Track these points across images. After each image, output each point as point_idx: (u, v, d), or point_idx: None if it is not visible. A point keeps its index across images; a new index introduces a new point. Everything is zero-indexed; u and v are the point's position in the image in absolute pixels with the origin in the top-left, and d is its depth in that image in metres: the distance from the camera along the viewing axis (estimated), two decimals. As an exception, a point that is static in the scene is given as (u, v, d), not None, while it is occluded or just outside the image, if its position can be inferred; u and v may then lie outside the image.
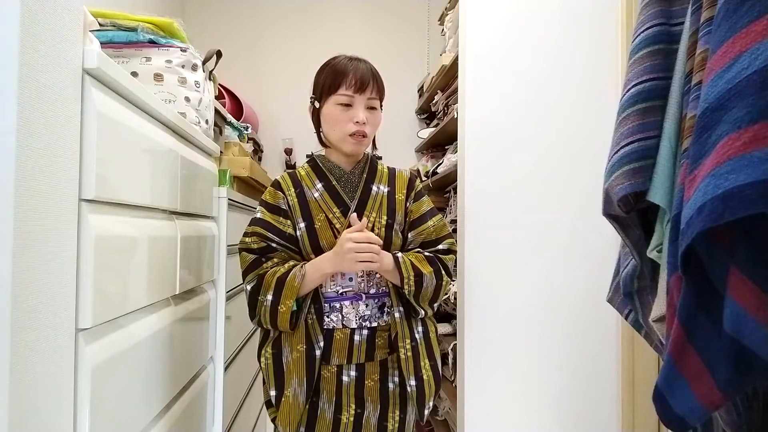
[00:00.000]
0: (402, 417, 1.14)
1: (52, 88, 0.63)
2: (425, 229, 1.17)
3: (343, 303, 1.12)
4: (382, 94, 1.17)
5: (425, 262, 1.12)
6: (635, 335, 1.47)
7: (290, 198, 1.15)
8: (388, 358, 1.15)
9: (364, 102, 1.12)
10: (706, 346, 0.60)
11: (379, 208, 1.15)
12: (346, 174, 1.17)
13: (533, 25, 1.59)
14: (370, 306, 1.13)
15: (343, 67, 1.12)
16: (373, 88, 1.13)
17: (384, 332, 1.14)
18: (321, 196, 1.14)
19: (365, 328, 1.12)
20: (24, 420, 0.59)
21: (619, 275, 0.94)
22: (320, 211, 1.13)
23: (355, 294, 1.13)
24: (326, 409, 1.11)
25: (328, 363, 1.11)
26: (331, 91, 1.12)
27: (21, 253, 0.57)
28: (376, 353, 1.13)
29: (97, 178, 0.73)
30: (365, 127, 1.12)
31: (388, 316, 1.14)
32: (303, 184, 1.16)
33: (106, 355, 0.77)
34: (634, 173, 0.74)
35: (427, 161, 2.42)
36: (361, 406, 1.11)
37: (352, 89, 1.11)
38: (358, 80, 1.10)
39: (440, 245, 1.16)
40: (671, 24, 0.78)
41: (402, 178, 1.21)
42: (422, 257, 1.13)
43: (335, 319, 1.12)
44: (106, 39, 1.10)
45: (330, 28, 2.80)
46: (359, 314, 1.12)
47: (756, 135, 0.49)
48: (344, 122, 1.11)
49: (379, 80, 1.15)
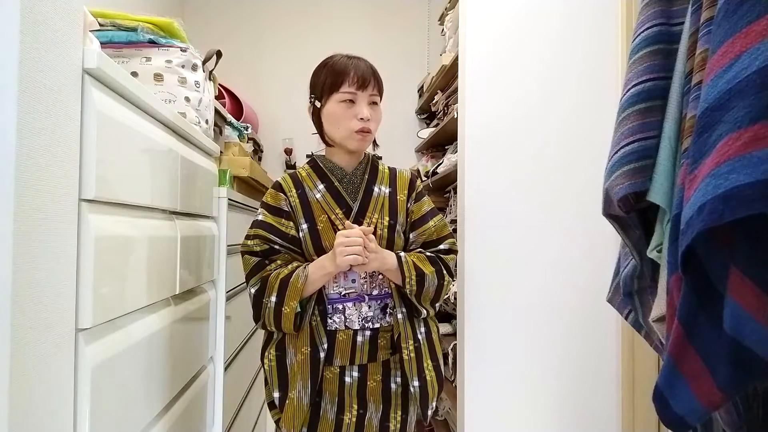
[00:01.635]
0: (404, 418, 1.14)
1: (52, 88, 0.63)
2: (426, 229, 1.17)
3: (346, 304, 1.12)
4: (382, 91, 1.18)
5: (427, 262, 1.12)
6: (635, 335, 1.47)
7: (292, 199, 1.14)
8: (391, 359, 1.15)
9: (367, 98, 1.13)
10: (706, 346, 0.60)
11: (381, 209, 1.15)
12: (347, 175, 1.17)
13: (533, 25, 1.59)
14: (373, 307, 1.13)
15: (344, 66, 1.12)
16: (374, 85, 1.14)
17: (386, 333, 1.14)
18: (323, 197, 1.14)
19: (368, 329, 1.12)
20: (24, 420, 0.59)
21: (619, 275, 0.94)
22: (322, 212, 1.13)
23: (357, 295, 1.13)
24: (328, 410, 1.11)
25: (330, 364, 1.11)
26: (333, 89, 1.12)
27: (21, 253, 0.57)
28: (378, 354, 1.13)
29: (97, 178, 0.73)
30: (369, 123, 1.13)
31: (391, 317, 1.14)
32: (304, 185, 1.16)
33: (106, 355, 0.77)
34: (634, 173, 0.74)
35: (427, 161, 2.42)
36: (364, 406, 1.12)
37: (355, 86, 1.11)
38: (360, 77, 1.11)
39: (441, 245, 1.17)
40: (671, 24, 0.78)
41: (403, 179, 1.21)
42: (424, 257, 1.13)
43: (338, 320, 1.12)
44: (106, 39, 1.10)
45: (330, 28, 2.80)
46: (362, 315, 1.12)
47: (756, 135, 0.49)
48: (348, 119, 1.11)
49: (378, 77, 1.16)
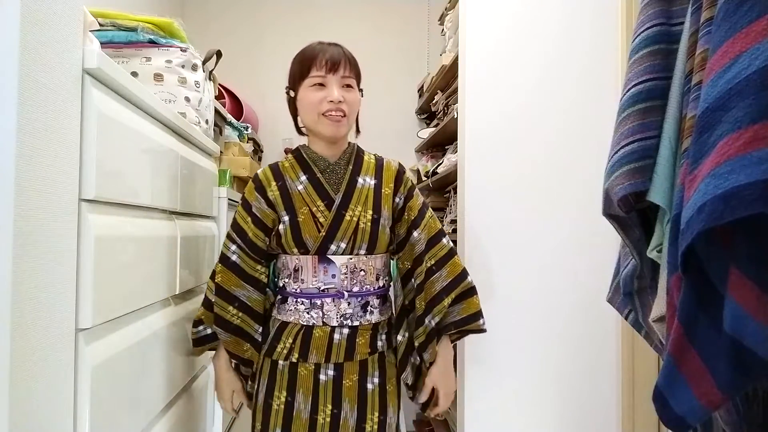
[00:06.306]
0: (381, 419, 1.10)
1: (52, 88, 0.63)
2: (426, 224, 1.15)
3: (325, 300, 1.09)
4: (358, 75, 1.13)
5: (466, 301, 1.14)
6: (635, 335, 1.47)
7: (271, 193, 1.11)
8: (369, 359, 1.11)
9: (338, 81, 1.08)
10: (706, 346, 0.60)
11: (365, 202, 1.11)
12: (330, 165, 1.14)
13: (533, 25, 1.59)
14: (353, 304, 1.10)
15: (312, 50, 1.09)
16: (346, 67, 1.08)
17: (366, 331, 1.11)
18: (305, 188, 1.11)
19: (346, 327, 1.09)
20: (24, 420, 0.59)
21: (619, 275, 0.94)
22: (304, 204, 1.10)
23: (337, 291, 1.09)
24: (302, 409, 1.07)
25: (305, 361, 1.08)
26: (303, 75, 1.09)
27: (21, 253, 0.57)
28: (355, 353, 1.09)
29: (97, 178, 0.73)
30: (342, 105, 1.07)
31: (371, 315, 1.11)
32: (286, 176, 1.13)
33: (106, 355, 0.77)
34: (634, 173, 0.74)
35: (427, 161, 2.42)
36: (338, 406, 1.07)
37: (324, 69, 1.07)
38: (328, 60, 1.07)
39: (443, 240, 1.15)
40: (671, 24, 0.78)
41: (390, 170, 1.17)
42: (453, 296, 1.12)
43: (315, 316, 1.08)
44: (106, 39, 1.10)
45: (330, 28, 2.79)
46: (341, 312, 1.09)
47: (756, 135, 0.49)
48: (318, 102, 1.07)
49: (352, 60, 1.11)
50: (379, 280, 1.14)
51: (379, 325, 1.13)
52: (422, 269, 1.12)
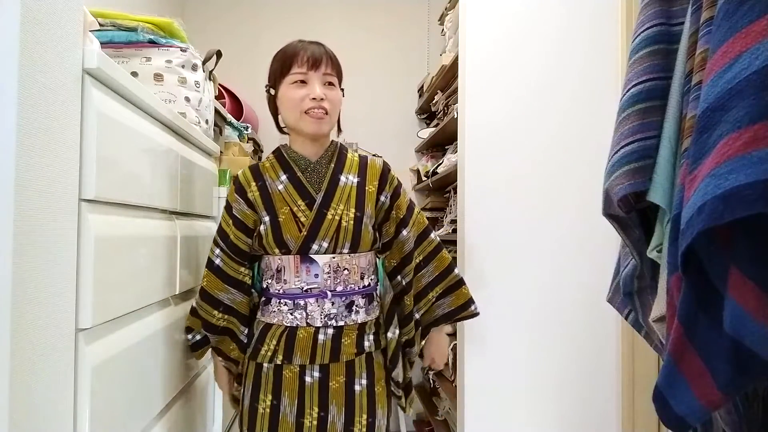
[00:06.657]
0: (370, 421, 1.07)
1: (52, 88, 0.63)
2: (414, 221, 1.17)
3: (308, 300, 1.06)
4: (340, 73, 1.12)
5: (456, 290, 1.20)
6: (635, 335, 1.47)
7: (251, 194, 1.10)
8: (356, 360, 1.08)
9: (320, 78, 1.07)
10: (706, 346, 0.60)
11: (347, 201, 1.09)
12: (312, 164, 1.12)
13: (533, 25, 1.59)
14: (337, 304, 1.07)
15: (293, 47, 1.09)
16: (327, 64, 1.08)
17: (352, 332, 1.08)
18: (285, 188, 1.09)
19: (330, 327, 1.06)
20: (24, 420, 0.59)
21: (619, 275, 0.94)
22: (284, 203, 1.08)
23: (320, 291, 1.07)
24: (288, 413, 1.05)
25: (290, 362, 1.05)
26: (283, 73, 1.08)
27: (21, 253, 0.57)
28: (341, 354, 1.06)
29: (97, 178, 0.73)
30: (324, 103, 1.06)
31: (357, 315, 1.09)
32: (266, 176, 1.11)
33: (106, 355, 0.77)
34: (634, 173, 0.74)
35: (427, 161, 2.41)
36: (325, 409, 1.05)
37: (305, 66, 1.06)
38: (310, 57, 1.06)
39: (431, 236, 1.20)
40: (671, 24, 0.78)
41: (374, 168, 1.15)
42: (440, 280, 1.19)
43: (299, 317, 1.06)
44: (106, 39, 1.10)
45: (330, 28, 2.79)
46: (324, 312, 1.06)
47: (756, 135, 0.49)
48: (299, 100, 1.06)
49: (334, 58, 1.10)
50: (364, 279, 1.12)
51: (365, 325, 1.11)
52: (411, 267, 1.15)
